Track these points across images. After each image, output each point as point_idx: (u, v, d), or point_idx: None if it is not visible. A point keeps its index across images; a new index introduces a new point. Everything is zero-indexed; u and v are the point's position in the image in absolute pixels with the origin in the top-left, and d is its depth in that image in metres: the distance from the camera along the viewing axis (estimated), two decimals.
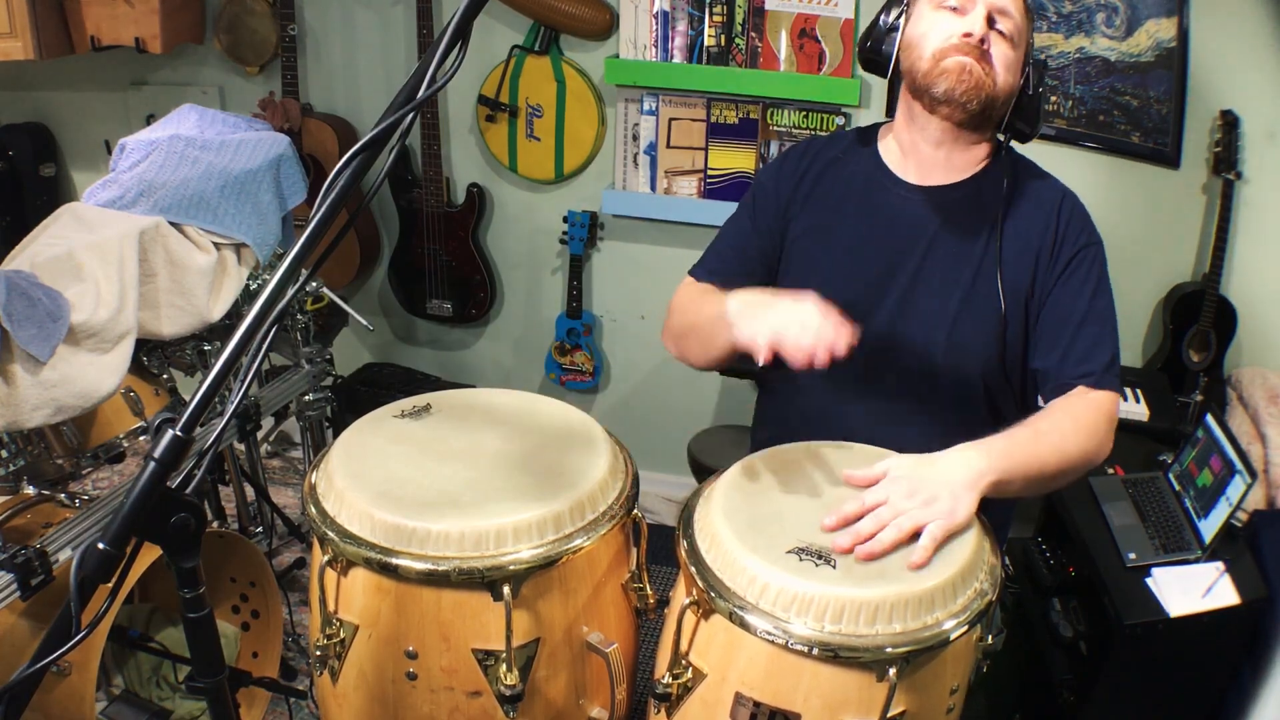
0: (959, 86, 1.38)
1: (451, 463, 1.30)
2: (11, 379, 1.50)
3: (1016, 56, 1.40)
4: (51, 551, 1.51)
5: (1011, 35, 1.38)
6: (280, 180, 2.04)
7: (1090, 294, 1.42)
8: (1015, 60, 1.40)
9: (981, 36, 1.37)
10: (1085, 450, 1.34)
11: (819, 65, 2.45)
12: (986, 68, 1.37)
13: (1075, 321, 1.41)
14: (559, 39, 2.64)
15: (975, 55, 1.37)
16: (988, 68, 1.37)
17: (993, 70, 1.38)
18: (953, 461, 1.23)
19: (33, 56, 2.56)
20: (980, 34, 1.37)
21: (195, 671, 1.04)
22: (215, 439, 0.95)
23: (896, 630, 1.07)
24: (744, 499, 1.23)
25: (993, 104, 1.40)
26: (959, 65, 1.37)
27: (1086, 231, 1.45)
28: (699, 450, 2.53)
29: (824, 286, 1.49)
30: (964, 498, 1.19)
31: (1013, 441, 1.28)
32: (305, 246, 0.93)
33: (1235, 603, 1.73)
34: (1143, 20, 2.28)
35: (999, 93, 1.39)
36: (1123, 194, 2.42)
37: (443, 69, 0.94)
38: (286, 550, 2.65)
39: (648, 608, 1.36)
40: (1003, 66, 1.38)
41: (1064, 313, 1.42)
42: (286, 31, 2.67)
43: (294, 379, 2.23)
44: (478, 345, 3.10)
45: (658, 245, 2.79)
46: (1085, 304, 1.41)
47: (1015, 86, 1.41)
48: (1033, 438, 1.30)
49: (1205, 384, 2.35)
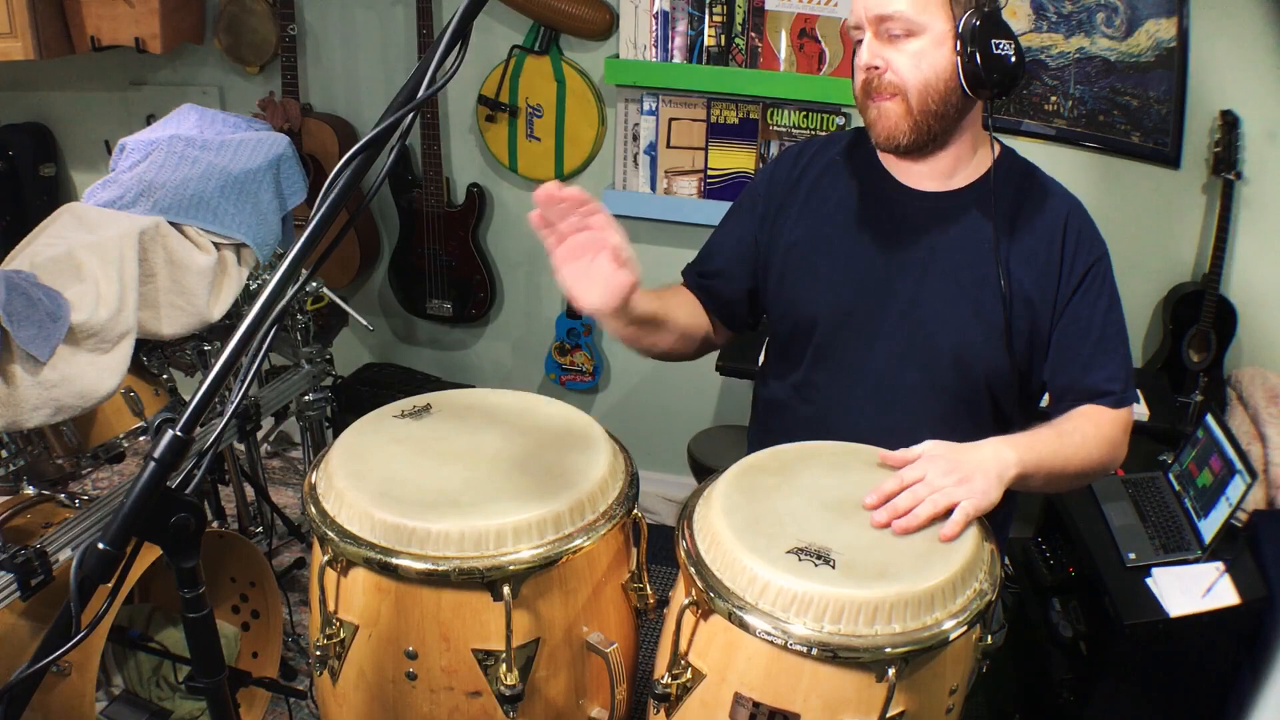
0: (882, 134, 1.39)
1: (451, 463, 1.30)
2: (11, 379, 1.50)
3: (922, 46, 1.33)
4: (51, 551, 1.51)
5: (905, 31, 1.33)
6: (280, 180, 2.04)
7: (1105, 308, 1.44)
8: (923, 49, 1.33)
9: (873, 64, 1.35)
10: (1104, 456, 1.40)
11: (819, 65, 2.45)
12: (892, 96, 1.36)
13: (1093, 340, 1.43)
14: (559, 39, 2.64)
15: (883, 91, 1.36)
16: (893, 92, 1.36)
17: (902, 86, 1.35)
18: (985, 449, 1.28)
19: (33, 56, 2.57)
20: (870, 61, 1.36)
21: (195, 671, 1.04)
22: (215, 439, 0.95)
23: (896, 630, 1.07)
24: (744, 499, 1.23)
25: (924, 119, 1.37)
26: (875, 113, 1.39)
27: (1096, 244, 1.45)
28: (699, 450, 2.53)
29: (826, 294, 1.49)
30: (995, 483, 1.24)
31: (1038, 438, 1.33)
32: (305, 246, 0.93)
33: (1235, 603, 1.73)
34: (1143, 20, 2.28)
35: (918, 105, 1.35)
36: (1123, 194, 2.42)
37: (443, 69, 0.94)
38: (286, 550, 2.66)
39: (648, 608, 1.36)
40: (909, 68, 1.34)
41: (1081, 330, 1.43)
42: (286, 31, 2.67)
43: (294, 379, 2.23)
44: (478, 345, 3.10)
45: (658, 245, 2.79)
46: (1101, 319, 1.43)
47: (940, 69, 1.34)
48: (1057, 437, 1.35)
49: (1205, 384, 2.35)
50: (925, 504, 1.19)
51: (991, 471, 1.24)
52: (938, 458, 1.25)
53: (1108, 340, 1.43)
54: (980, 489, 1.21)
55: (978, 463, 1.25)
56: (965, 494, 1.20)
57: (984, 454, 1.27)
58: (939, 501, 1.19)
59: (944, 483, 1.21)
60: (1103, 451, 1.40)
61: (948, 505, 1.19)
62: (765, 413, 1.67)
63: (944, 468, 1.23)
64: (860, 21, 1.37)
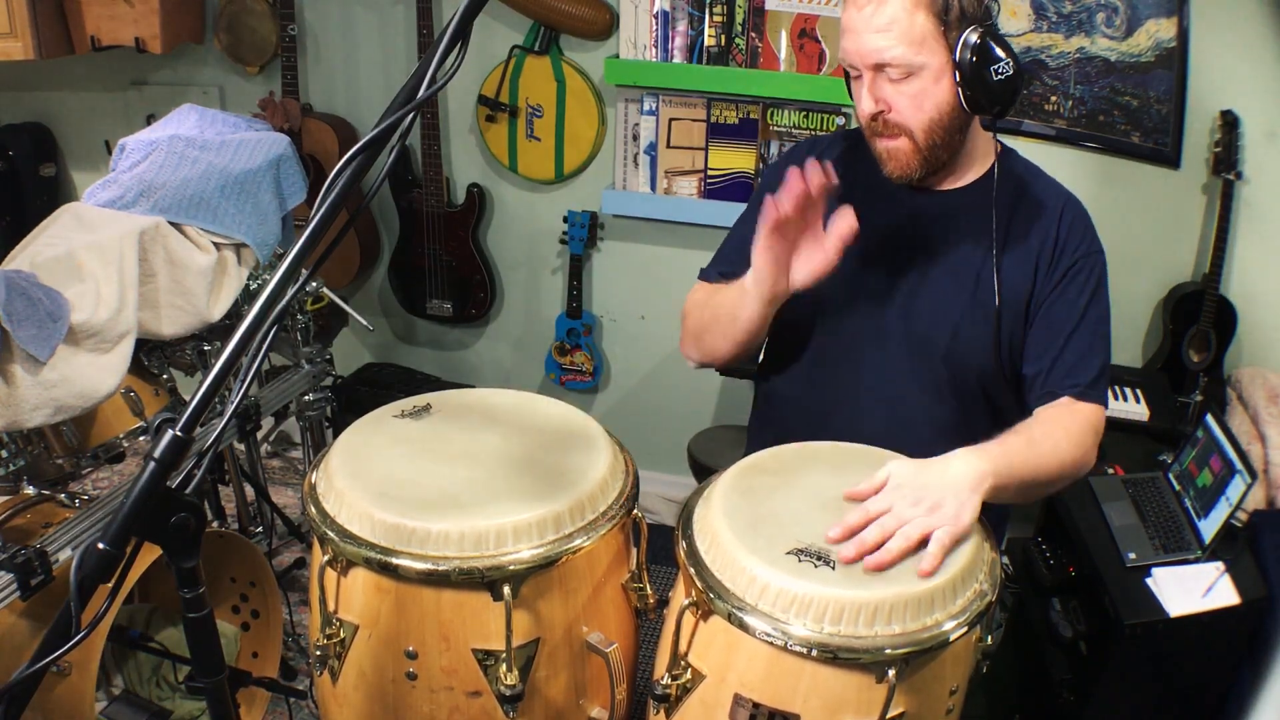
0: (895, 172, 1.40)
1: (451, 463, 1.30)
2: (11, 379, 1.50)
3: (922, 85, 1.32)
4: (51, 551, 1.51)
5: (904, 74, 1.32)
6: (280, 180, 2.04)
7: (1085, 304, 1.41)
8: (923, 88, 1.32)
9: (875, 111, 1.35)
10: (1075, 459, 1.35)
11: (819, 65, 2.45)
12: (897, 136, 1.36)
13: (1067, 331, 1.41)
14: (559, 39, 2.64)
15: (889, 133, 1.36)
16: (899, 133, 1.36)
17: (906, 127, 1.35)
18: (954, 465, 1.22)
19: (33, 56, 2.57)
20: (873, 110, 1.35)
21: (195, 671, 1.04)
22: (215, 439, 0.95)
23: (896, 631, 1.07)
24: (744, 499, 1.23)
25: (933, 153, 1.37)
26: (884, 152, 1.39)
27: (1087, 240, 1.44)
28: (699, 450, 2.53)
29: (825, 289, 1.49)
30: (969, 502, 1.18)
31: (1009, 447, 1.28)
32: (305, 246, 0.93)
33: (1235, 603, 1.73)
34: (1143, 20, 2.28)
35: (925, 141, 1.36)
36: (1123, 194, 2.42)
37: (443, 69, 0.94)
38: (286, 550, 2.66)
39: (648, 608, 1.36)
40: (911, 110, 1.34)
41: (1057, 322, 1.41)
42: (286, 31, 2.67)
43: (294, 379, 2.23)
44: (478, 345, 3.10)
45: (658, 245, 2.79)
46: (1079, 313, 1.41)
47: (943, 104, 1.33)
48: (1028, 444, 1.31)
49: (1205, 384, 2.35)
50: (897, 538, 1.13)
51: (964, 489, 1.18)
52: (903, 486, 1.19)
53: (1083, 334, 1.40)
54: (951, 514, 1.15)
55: (947, 484, 1.19)
56: (937, 521, 1.14)
57: (953, 471, 1.20)
58: (911, 534, 1.13)
59: (913, 513, 1.15)
60: (1073, 454, 1.35)
61: (921, 536, 1.13)
62: (765, 407, 1.68)
63: (911, 496, 1.17)
64: (854, 64, 1.36)
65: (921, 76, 1.31)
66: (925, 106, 1.33)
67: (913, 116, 1.34)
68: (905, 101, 1.33)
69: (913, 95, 1.33)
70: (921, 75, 1.31)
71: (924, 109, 1.33)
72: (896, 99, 1.34)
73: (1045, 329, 1.42)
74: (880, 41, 1.30)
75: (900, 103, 1.34)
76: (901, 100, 1.34)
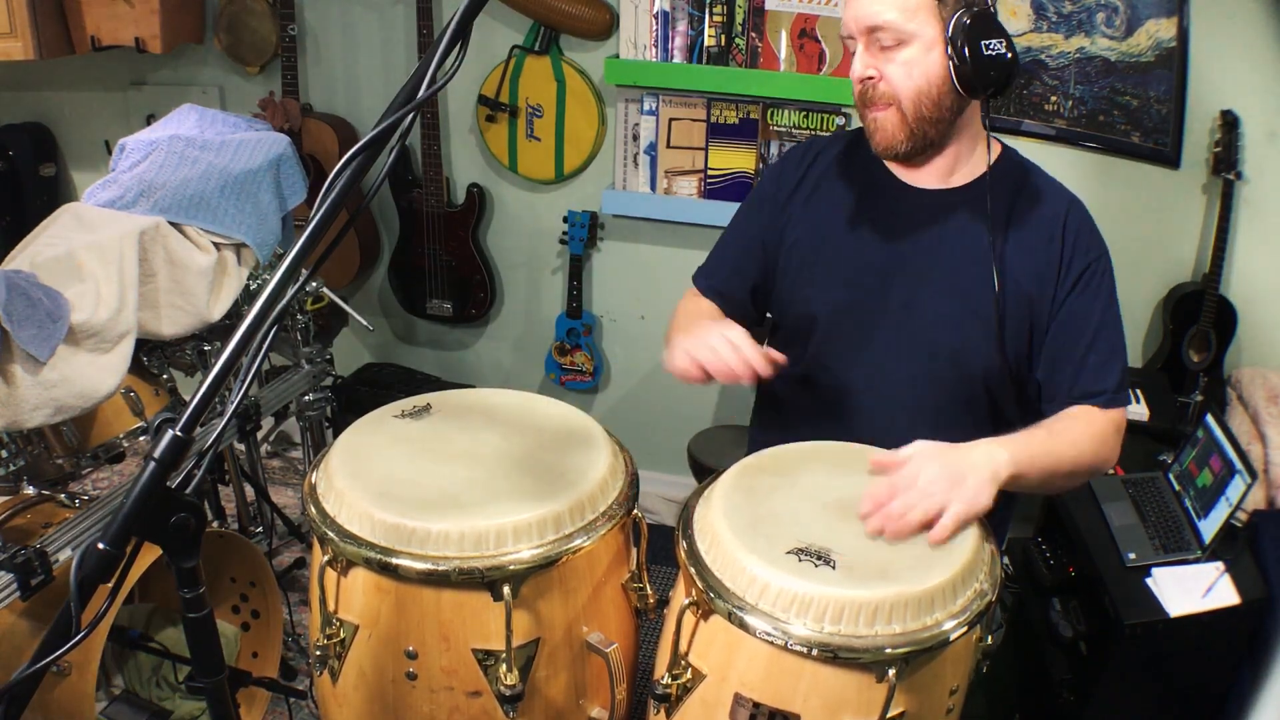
0: (880, 143, 1.41)
1: (451, 463, 1.30)
2: (11, 379, 1.50)
3: (913, 54, 1.34)
4: (51, 551, 1.51)
5: (895, 40, 1.33)
6: (280, 180, 2.04)
7: (1101, 309, 1.43)
8: (914, 57, 1.34)
9: (866, 74, 1.37)
10: (1097, 456, 1.39)
11: (819, 65, 2.45)
12: (887, 106, 1.37)
13: (1087, 339, 1.42)
14: (559, 39, 2.64)
15: (878, 102, 1.38)
16: (888, 102, 1.37)
17: (895, 96, 1.36)
18: (976, 451, 1.26)
19: (33, 56, 2.56)
20: (863, 72, 1.37)
21: (195, 671, 1.04)
22: (215, 439, 0.95)
23: (896, 631, 1.07)
24: (744, 499, 1.23)
25: (920, 126, 1.38)
26: (872, 123, 1.41)
27: (1096, 243, 1.45)
28: (699, 450, 2.53)
29: (826, 290, 1.50)
30: (987, 484, 1.21)
31: (1031, 438, 1.32)
32: (305, 246, 0.93)
33: (1235, 603, 1.73)
34: (1143, 20, 2.28)
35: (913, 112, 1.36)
36: (1123, 194, 2.42)
37: (443, 69, 0.94)
38: (286, 550, 2.66)
39: (648, 608, 1.36)
40: (900, 78, 1.35)
41: (1077, 329, 1.43)
42: (286, 31, 2.67)
43: (294, 379, 2.23)
44: (478, 345, 3.10)
45: (658, 245, 2.79)
46: (1097, 319, 1.43)
47: (932, 75, 1.34)
48: (1049, 437, 1.35)
49: (1205, 384, 2.35)
50: (916, 510, 1.17)
51: (984, 472, 1.22)
52: (929, 460, 1.23)
53: (1102, 341, 1.43)
54: (972, 491, 1.19)
55: (970, 464, 1.23)
56: (956, 497, 1.18)
57: (976, 455, 1.25)
58: (929, 507, 1.17)
59: (935, 487, 1.19)
60: (1096, 450, 1.39)
61: (939, 509, 1.17)
62: (767, 406, 1.69)
63: (935, 470, 1.21)
64: (851, 32, 1.38)
65: (913, 46, 1.34)
66: (914, 74, 1.35)
67: (902, 84, 1.35)
68: (896, 69, 1.35)
69: (904, 63, 1.35)
70: (913, 45, 1.34)
71: (913, 78, 1.35)
72: (887, 66, 1.36)
73: (1065, 337, 1.43)
74: (875, 5, 1.33)
75: (891, 70, 1.35)
76: (892, 68, 1.35)
